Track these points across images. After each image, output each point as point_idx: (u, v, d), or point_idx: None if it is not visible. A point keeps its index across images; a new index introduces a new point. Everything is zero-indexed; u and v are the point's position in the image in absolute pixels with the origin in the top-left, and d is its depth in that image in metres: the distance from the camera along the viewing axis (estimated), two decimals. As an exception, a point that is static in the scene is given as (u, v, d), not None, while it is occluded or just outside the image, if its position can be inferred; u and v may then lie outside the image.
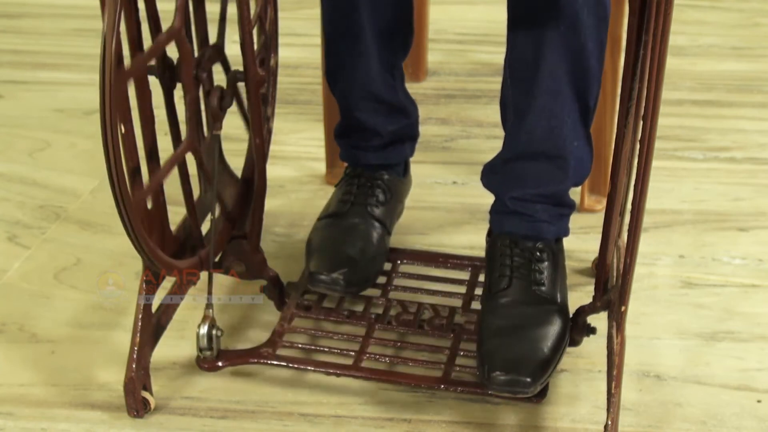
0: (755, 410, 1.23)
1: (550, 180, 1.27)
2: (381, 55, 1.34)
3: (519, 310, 1.22)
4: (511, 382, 1.14)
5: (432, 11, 2.05)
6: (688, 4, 2.50)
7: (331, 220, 1.37)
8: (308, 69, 2.10)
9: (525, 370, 1.15)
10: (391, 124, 1.40)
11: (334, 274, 1.28)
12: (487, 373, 1.15)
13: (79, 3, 2.52)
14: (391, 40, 1.34)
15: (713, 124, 1.93)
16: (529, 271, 1.26)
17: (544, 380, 1.16)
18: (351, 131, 1.42)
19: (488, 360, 1.16)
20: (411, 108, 1.44)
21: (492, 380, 1.15)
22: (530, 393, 1.15)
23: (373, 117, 1.39)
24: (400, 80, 1.41)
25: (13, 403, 1.25)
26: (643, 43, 1.02)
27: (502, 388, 1.15)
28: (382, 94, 1.37)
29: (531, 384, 1.14)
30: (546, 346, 1.18)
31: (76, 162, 1.80)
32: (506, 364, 1.15)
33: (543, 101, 1.21)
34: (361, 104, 1.38)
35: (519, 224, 1.30)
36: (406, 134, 1.44)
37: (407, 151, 1.46)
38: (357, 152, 1.42)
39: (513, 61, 1.23)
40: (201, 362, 1.24)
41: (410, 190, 1.52)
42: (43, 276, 1.49)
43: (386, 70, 1.36)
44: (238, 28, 1.16)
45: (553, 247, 1.29)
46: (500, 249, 1.29)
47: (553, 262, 1.28)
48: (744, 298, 1.44)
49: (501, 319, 1.22)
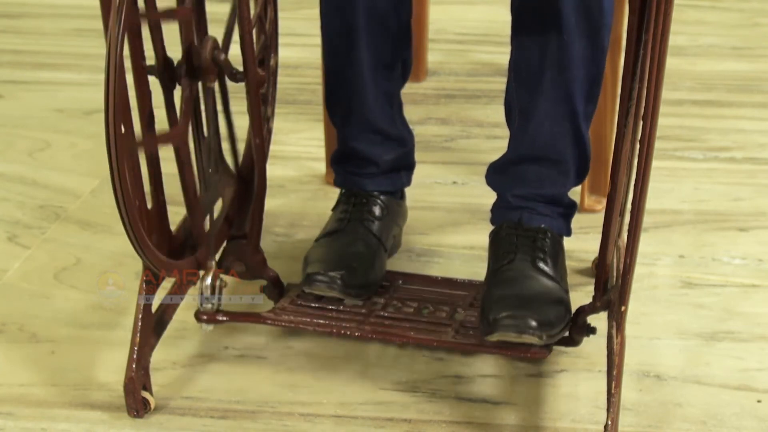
0: (755, 410, 1.23)
1: (552, 183, 1.29)
2: (378, 86, 1.34)
3: (523, 283, 1.21)
4: (517, 323, 1.13)
5: (432, 11, 2.05)
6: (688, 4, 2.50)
7: (328, 239, 1.37)
8: (308, 69, 2.10)
9: (531, 316, 1.14)
10: (388, 153, 1.40)
11: (332, 273, 1.27)
12: (492, 318, 1.14)
13: (79, 3, 2.52)
14: (389, 72, 1.35)
15: (713, 124, 1.93)
16: (533, 249, 1.26)
17: (549, 334, 1.15)
18: (347, 159, 1.42)
19: (492, 312, 1.15)
20: (408, 137, 1.44)
21: (497, 322, 1.14)
22: (536, 336, 1.13)
23: (369, 147, 1.39)
24: (398, 109, 1.41)
25: (13, 403, 1.25)
26: (643, 43, 1.02)
27: (508, 329, 1.13)
28: (379, 124, 1.38)
29: (537, 328, 1.13)
30: (551, 312, 1.17)
31: (76, 162, 1.80)
32: (512, 310, 1.14)
33: (546, 107, 1.22)
34: (358, 135, 1.38)
35: (521, 216, 1.30)
36: (402, 163, 1.44)
37: (403, 180, 1.46)
38: (353, 178, 1.42)
39: (517, 65, 1.24)
40: (200, 314, 1.23)
41: (406, 219, 1.50)
42: (43, 276, 1.49)
43: (384, 100, 1.37)
44: (238, 28, 1.16)
45: (555, 236, 1.29)
46: (505, 230, 1.29)
47: (554, 251, 1.28)
48: (744, 298, 1.44)
49: (504, 289, 1.21)
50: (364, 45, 1.30)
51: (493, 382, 1.28)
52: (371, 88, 1.34)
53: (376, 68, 1.33)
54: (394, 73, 1.36)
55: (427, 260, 1.52)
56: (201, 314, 1.23)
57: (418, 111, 1.96)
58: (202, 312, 1.23)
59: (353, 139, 1.39)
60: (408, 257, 1.52)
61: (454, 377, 1.28)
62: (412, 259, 1.52)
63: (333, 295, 1.28)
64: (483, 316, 1.18)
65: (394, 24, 1.31)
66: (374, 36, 1.30)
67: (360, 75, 1.32)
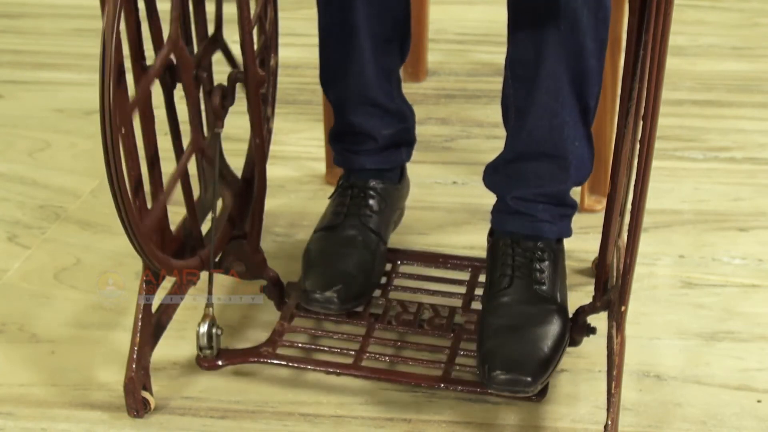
0: (755, 410, 1.23)
1: (551, 180, 1.28)
2: (376, 60, 1.34)
3: (519, 310, 1.22)
4: (512, 381, 1.14)
5: (432, 11, 2.05)
6: (688, 4, 2.50)
7: (325, 233, 1.36)
8: (308, 69, 2.10)
9: (526, 369, 1.15)
10: (386, 127, 1.40)
11: (327, 292, 1.27)
12: (488, 372, 1.15)
13: (79, 3, 2.52)
14: (387, 45, 1.34)
15: (713, 124, 1.93)
16: (530, 271, 1.26)
17: (544, 379, 1.16)
18: (345, 135, 1.41)
19: (489, 359, 1.16)
20: (408, 113, 1.43)
21: (492, 379, 1.15)
22: (531, 392, 1.15)
23: (367, 121, 1.38)
24: (397, 85, 1.41)
25: (13, 403, 1.25)
26: (643, 43, 1.02)
27: (503, 388, 1.15)
28: (377, 98, 1.37)
29: (531, 383, 1.14)
30: (546, 345, 1.18)
31: (76, 162, 1.80)
32: (507, 364, 1.15)
33: (544, 101, 1.21)
34: (355, 108, 1.37)
35: (521, 224, 1.30)
36: (402, 139, 1.43)
37: (403, 156, 1.45)
38: (351, 156, 1.41)
39: (514, 61, 1.23)
40: (201, 361, 1.24)
41: (408, 194, 1.51)
42: (43, 276, 1.49)
43: (382, 74, 1.36)
44: (238, 28, 1.15)
45: (554, 247, 1.29)
46: (502, 248, 1.29)
47: (554, 262, 1.28)
48: (744, 298, 1.44)
49: (501, 318, 1.22)
50: (362, 17, 1.29)
51: (493, 382, 1.27)
52: (369, 61, 1.33)
53: (374, 42, 1.32)
54: (392, 47, 1.35)
55: (427, 260, 1.52)
56: (202, 361, 1.24)
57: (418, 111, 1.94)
58: (202, 359, 1.24)
59: (351, 113, 1.38)
60: (408, 257, 1.52)
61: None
62: (412, 259, 1.52)
63: (329, 313, 1.30)
64: (480, 357, 1.18)
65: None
66: (372, 8, 1.29)
67: (357, 48, 1.31)
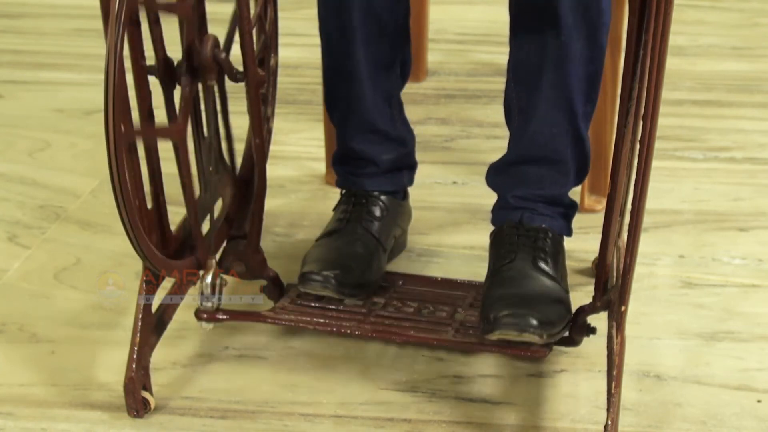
0: (755, 410, 1.23)
1: (552, 183, 1.29)
2: (376, 86, 1.34)
3: (523, 282, 1.21)
4: (518, 322, 1.13)
5: (432, 11, 2.05)
6: (688, 4, 2.50)
7: (327, 239, 1.36)
8: (308, 69, 2.10)
9: (532, 315, 1.14)
10: (387, 153, 1.40)
11: (325, 272, 1.27)
12: (493, 318, 1.14)
13: (79, 3, 2.52)
14: (387, 72, 1.35)
15: (713, 124, 1.93)
16: (533, 249, 1.25)
17: (549, 333, 1.15)
18: (347, 159, 1.41)
19: (493, 310, 1.15)
20: (408, 137, 1.43)
21: (498, 321, 1.14)
22: (537, 335, 1.13)
23: (369, 147, 1.39)
24: (398, 109, 1.41)
25: (13, 403, 1.25)
26: (643, 43, 1.02)
27: (509, 327, 1.13)
28: (378, 125, 1.37)
29: (538, 327, 1.13)
30: (551, 311, 1.17)
31: (76, 162, 1.80)
32: (513, 307, 1.15)
33: (545, 107, 1.22)
34: (357, 135, 1.38)
35: (521, 216, 1.30)
36: (404, 163, 1.44)
37: (404, 180, 1.45)
38: (353, 179, 1.42)
39: (515, 65, 1.24)
40: (201, 313, 1.23)
41: (410, 219, 1.51)
42: (43, 276, 1.49)
43: (383, 100, 1.36)
44: (238, 28, 1.15)
45: (556, 236, 1.29)
46: (505, 230, 1.29)
47: (555, 251, 1.28)
48: (744, 298, 1.44)
49: (505, 288, 1.21)
50: (361, 45, 1.30)
51: (493, 382, 1.28)
52: (369, 88, 1.34)
53: (373, 68, 1.32)
54: (392, 73, 1.36)
55: (427, 260, 1.52)
56: (201, 313, 1.23)
57: (418, 111, 1.96)
58: (202, 310, 1.23)
59: (352, 139, 1.39)
60: (408, 257, 1.52)
61: (454, 377, 1.28)
62: (412, 259, 1.52)
63: (327, 294, 1.28)
64: (483, 315, 1.18)
65: (390, 24, 1.31)
66: (371, 36, 1.30)
67: (357, 75, 1.32)
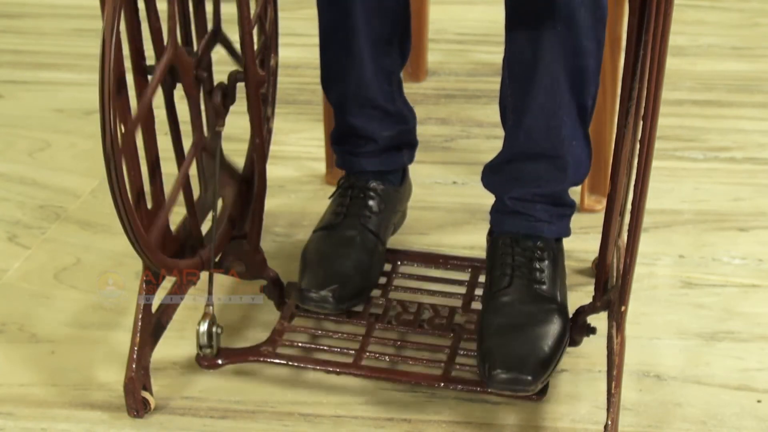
0: (755, 410, 1.23)
1: (549, 180, 1.28)
2: (376, 61, 1.34)
3: (519, 309, 1.22)
4: (512, 380, 1.14)
5: (432, 11, 2.05)
6: (688, 4, 2.50)
7: (324, 233, 1.36)
8: (308, 69, 2.10)
9: (526, 368, 1.15)
10: (387, 129, 1.40)
11: (323, 291, 1.27)
12: (488, 371, 1.15)
13: (79, 3, 2.52)
14: (386, 46, 1.34)
15: (713, 124, 1.93)
16: (529, 270, 1.26)
17: (544, 379, 1.16)
18: (345, 137, 1.41)
19: (489, 358, 1.16)
20: (409, 115, 1.43)
21: (493, 378, 1.15)
22: (531, 391, 1.15)
23: (367, 123, 1.38)
24: (398, 87, 1.41)
25: (13, 403, 1.25)
26: (643, 43, 1.02)
27: (503, 386, 1.15)
28: (376, 100, 1.37)
29: (532, 382, 1.14)
30: (547, 344, 1.18)
31: (76, 162, 1.80)
32: (507, 362, 1.15)
33: (541, 101, 1.21)
34: (355, 110, 1.38)
35: (519, 224, 1.30)
36: (403, 141, 1.43)
37: (404, 159, 1.45)
38: (351, 158, 1.41)
39: (511, 60, 1.23)
40: (201, 360, 1.24)
41: (410, 196, 1.51)
42: (43, 276, 1.49)
43: (382, 76, 1.36)
44: (238, 28, 1.15)
45: (554, 246, 1.30)
46: (501, 248, 1.29)
47: (553, 261, 1.28)
48: (744, 298, 1.44)
49: (502, 317, 1.22)
50: (361, 18, 1.29)
51: (493, 382, 1.27)
52: (369, 63, 1.33)
53: (373, 42, 1.31)
54: (392, 49, 1.35)
55: (427, 260, 1.52)
56: (201, 360, 1.24)
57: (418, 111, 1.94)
58: (202, 358, 1.23)
59: (351, 115, 1.38)
60: (408, 257, 1.52)
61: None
62: (412, 259, 1.52)
63: (325, 312, 1.30)
64: (480, 356, 1.18)
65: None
66: (371, 9, 1.29)
67: (357, 49, 1.31)
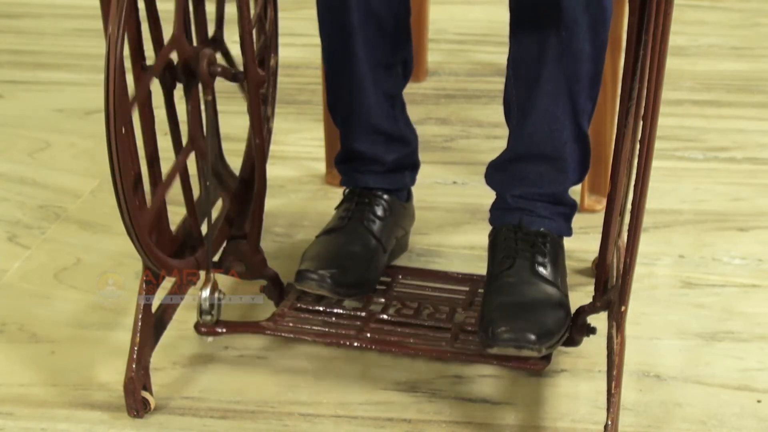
0: (755, 410, 1.23)
1: (550, 181, 1.29)
2: (378, 86, 1.34)
3: (522, 289, 1.22)
4: (516, 337, 1.14)
5: (432, 11, 2.05)
6: (688, 4, 2.50)
7: (326, 236, 1.36)
8: (308, 69, 2.10)
9: (530, 329, 1.14)
10: (391, 153, 1.40)
11: (321, 271, 1.26)
12: (491, 332, 1.14)
13: (79, 3, 2.52)
14: (388, 72, 1.35)
15: (713, 124, 1.93)
16: (532, 254, 1.26)
17: (548, 345, 1.15)
18: (350, 160, 1.42)
19: (492, 323, 1.16)
20: (411, 137, 1.43)
21: (497, 336, 1.14)
22: (535, 351, 1.14)
23: (372, 148, 1.39)
24: (401, 109, 1.41)
25: (13, 403, 1.25)
26: (643, 43, 1.02)
27: (507, 344, 1.14)
28: (381, 125, 1.37)
29: (536, 342, 1.14)
30: (550, 319, 1.17)
31: (76, 162, 1.80)
32: (511, 323, 1.15)
33: (544, 104, 1.22)
34: (360, 136, 1.38)
35: (520, 218, 1.30)
36: (407, 163, 1.44)
37: (407, 180, 1.45)
38: (356, 175, 1.41)
39: (515, 62, 1.23)
40: (200, 326, 1.23)
41: (413, 221, 1.51)
42: (43, 276, 1.49)
43: (385, 100, 1.36)
44: (238, 28, 1.15)
45: (555, 239, 1.29)
46: (504, 234, 1.29)
47: (554, 254, 1.28)
48: (744, 298, 1.44)
49: (504, 296, 1.21)
50: (361, 45, 1.29)
51: (493, 382, 1.28)
52: (371, 88, 1.33)
53: (374, 68, 1.32)
54: (393, 72, 1.36)
55: (427, 260, 1.52)
56: (200, 326, 1.24)
57: (418, 111, 1.96)
58: (201, 324, 1.23)
59: (355, 140, 1.38)
60: (408, 257, 1.52)
61: (454, 377, 1.28)
62: (412, 259, 1.52)
63: (322, 293, 1.28)
64: (482, 325, 1.18)
65: (390, 23, 1.30)
66: (370, 36, 1.29)
67: (358, 75, 1.32)
